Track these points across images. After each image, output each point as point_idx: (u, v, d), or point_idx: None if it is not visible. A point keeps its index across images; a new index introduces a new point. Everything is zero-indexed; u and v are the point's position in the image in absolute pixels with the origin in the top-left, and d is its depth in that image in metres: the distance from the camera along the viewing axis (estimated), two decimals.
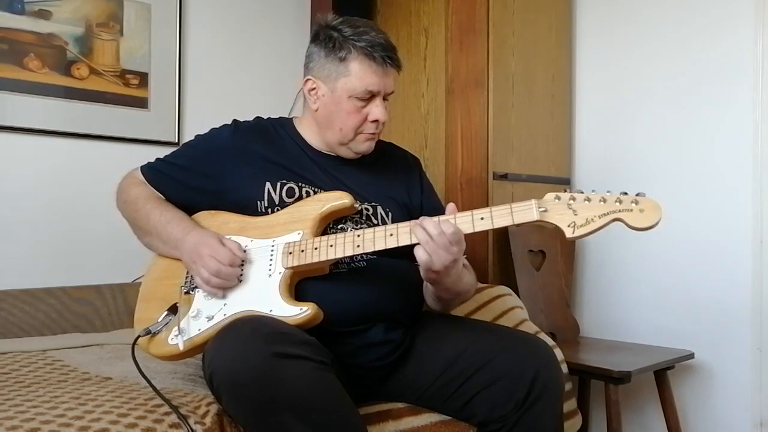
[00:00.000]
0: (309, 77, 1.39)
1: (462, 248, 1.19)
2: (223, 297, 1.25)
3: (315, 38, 1.39)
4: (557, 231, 1.15)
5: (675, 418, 2.02)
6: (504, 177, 2.19)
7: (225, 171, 1.38)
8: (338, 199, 1.30)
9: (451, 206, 1.22)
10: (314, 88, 1.39)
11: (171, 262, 1.35)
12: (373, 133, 1.40)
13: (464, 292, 1.37)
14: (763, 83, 2.03)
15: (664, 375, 2.01)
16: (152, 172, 1.44)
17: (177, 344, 1.22)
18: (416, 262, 1.45)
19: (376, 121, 1.37)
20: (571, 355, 1.91)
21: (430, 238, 1.16)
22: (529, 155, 2.30)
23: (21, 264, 2.06)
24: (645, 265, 2.30)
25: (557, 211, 1.14)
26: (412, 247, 1.22)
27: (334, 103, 1.36)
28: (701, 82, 2.18)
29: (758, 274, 2.04)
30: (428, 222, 1.17)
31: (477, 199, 2.17)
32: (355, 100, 1.34)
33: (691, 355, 2.06)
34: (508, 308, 1.85)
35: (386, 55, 1.34)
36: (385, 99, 1.38)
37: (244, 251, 1.28)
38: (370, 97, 1.35)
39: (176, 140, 2.35)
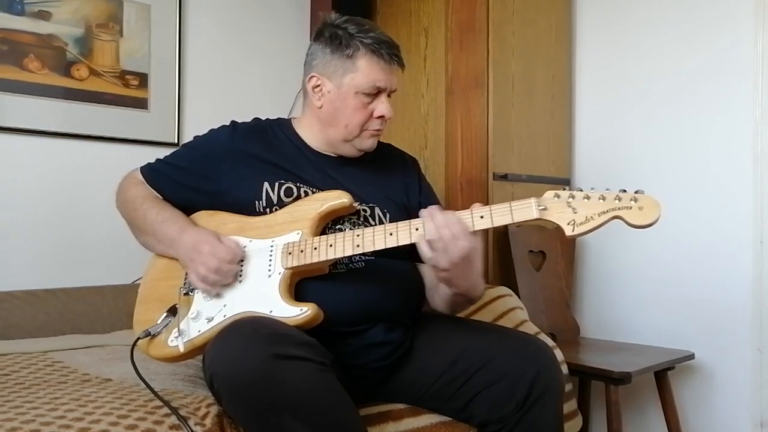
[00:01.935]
0: (313, 74, 1.39)
1: (471, 245, 1.16)
2: (219, 296, 1.25)
3: (319, 36, 1.40)
4: (557, 229, 1.15)
5: (675, 418, 2.02)
6: (504, 177, 2.19)
7: (223, 172, 1.38)
8: (337, 199, 1.30)
9: (475, 207, 1.20)
10: (319, 85, 1.39)
11: (169, 262, 1.35)
12: (377, 130, 1.41)
13: (476, 298, 1.37)
14: (763, 83, 2.03)
15: (664, 375, 2.01)
16: (151, 173, 1.45)
17: (177, 346, 1.22)
18: (416, 261, 1.46)
19: (381, 117, 1.38)
20: (571, 355, 1.91)
21: (437, 232, 1.14)
22: (529, 155, 2.30)
23: (21, 265, 2.06)
24: (645, 265, 2.30)
25: (557, 209, 1.14)
26: (411, 247, 1.22)
27: (340, 99, 1.37)
28: (701, 82, 2.18)
29: (758, 274, 2.04)
30: (437, 214, 1.16)
31: (477, 199, 2.14)
32: (362, 96, 1.35)
33: (691, 356, 2.06)
34: (509, 309, 1.85)
35: (392, 53, 1.36)
36: (388, 96, 1.39)
37: (243, 249, 1.28)
38: (376, 93, 1.36)
39: (176, 141, 2.35)
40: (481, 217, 1.17)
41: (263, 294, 1.23)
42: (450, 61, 2.30)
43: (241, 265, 1.27)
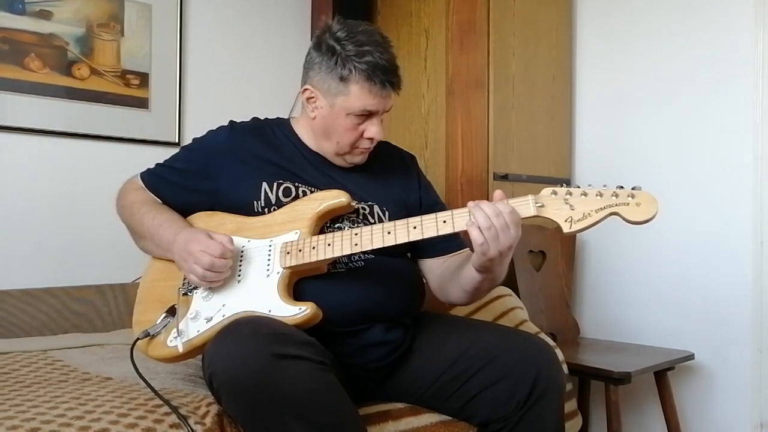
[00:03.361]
0: (308, 87, 1.38)
1: (519, 234, 1.15)
2: (218, 296, 1.25)
3: (317, 46, 1.36)
4: (557, 229, 1.14)
5: (675, 418, 2.02)
6: (504, 177, 2.19)
7: (221, 171, 1.38)
8: (335, 198, 1.30)
9: (498, 193, 1.19)
10: (312, 98, 1.38)
11: (168, 263, 1.35)
12: (367, 148, 1.41)
13: (500, 280, 1.31)
14: (764, 84, 2.03)
15: (664, 376, 2.01)
16: (151, 177, 1.45)
17: (176, 346, 1.22)
18: (416, 259, 1.46)
19: (371, 138, 1.37)
20: (571, 355, 1.91)
21: (490, 222, 1.12)
22: (529, 156, 2.30)
23: (21, 264, 2.06)
24: (645, 265, 2.30)
25: (554, 206, 1.14)
26: (411, 245, 1.21)
27: (331, 117, 1.36)
28: (702, 83, 2.18)
29: (758, 274, 2.04)
30: (485, 203, 1.15)
31: (477, 199, 2.16)
32: (353, 117, 1.34)
33: (691, 356, 2.06)
34: (509, 309, 1.85)
35: (387, 79, 1.32)
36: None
37: (241, 251, 1.28)
38: (368, 114, 1.35)
39: (176, 140, 2.35)
40: None
41: (262, 294, 1.23)
42: (450, 62, 2.30)
43: (240, 263, 1.27)
